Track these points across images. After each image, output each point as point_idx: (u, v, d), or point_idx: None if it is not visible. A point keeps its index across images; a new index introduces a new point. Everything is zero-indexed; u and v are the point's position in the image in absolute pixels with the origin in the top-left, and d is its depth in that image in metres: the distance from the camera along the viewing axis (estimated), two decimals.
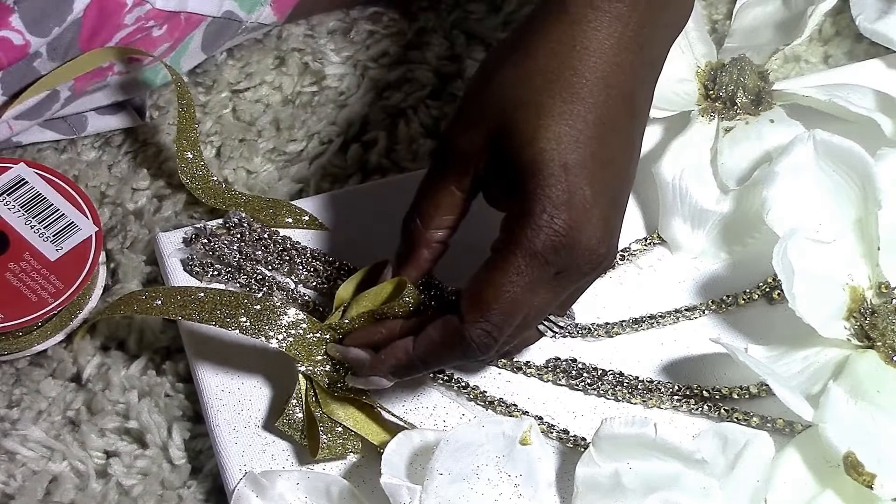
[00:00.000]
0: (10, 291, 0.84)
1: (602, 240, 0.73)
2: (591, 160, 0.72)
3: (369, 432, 0.81)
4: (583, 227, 0.72)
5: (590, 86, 0.73)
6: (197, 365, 0.84)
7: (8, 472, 0.82)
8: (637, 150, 0.77)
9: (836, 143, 0.86)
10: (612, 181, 0.74)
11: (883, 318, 0.82)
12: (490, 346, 0.74)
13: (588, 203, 0.72)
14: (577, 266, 0.73)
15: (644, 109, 0.77)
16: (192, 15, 0.91)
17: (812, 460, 0.79)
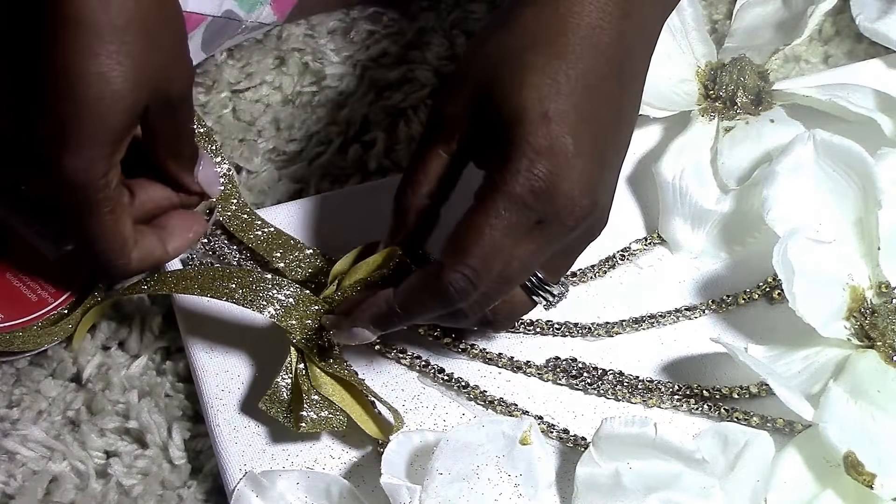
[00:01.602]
0: (10, 291, 0.84)
1: (585, 191, 0.72)
2: (573, 111, 0.72)
3: (354, 412, 0.81)
4: (563, 174, 0.71)
5: (573, 45, 0.73)
6: (197, 365, 0.84)
7: (8, 472, 0.82)
8: (626, 116, 0.77)
9: (836, 142, 0.86)
10: (597, 136, 0.73)
11: (883, 317, 0.82)
12: (468, 290, 0.73)
13: (569, 152, 0.72)
14: (559, 216, 0.72)
15: (633, 80, 0.77)
16: (191, 14, 0.91)
17: (812, 460, 0.79)
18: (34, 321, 0.83)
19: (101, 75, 0.72)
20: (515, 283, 0.76)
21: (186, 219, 0.84)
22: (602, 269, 0.89)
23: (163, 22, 0.74)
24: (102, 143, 0.73)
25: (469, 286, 0.73)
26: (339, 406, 0.80)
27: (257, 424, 0.82)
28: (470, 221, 0.73)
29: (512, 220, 0.72)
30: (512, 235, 0.72)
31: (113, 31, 0.71)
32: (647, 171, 0.91)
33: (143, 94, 0.74)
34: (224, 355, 0.84)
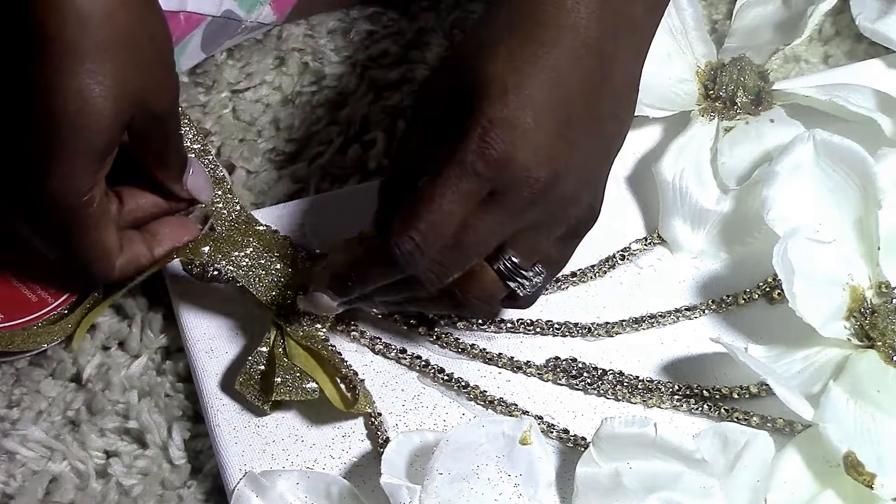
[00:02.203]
0: (10, 292, 0.84)
1: (542, 164, 0.72)
2: (538, 89, 0.72)
3: (324, 384, 0.82)
4: (519, 145, 0.71)
5: (550, 31, 0.73)
6: (197, 365, 0.84)
7: (8, 472, 0.82)
8: (606, 103, 0.76)
9: (836, 142, 0.86)
10: (566, 116, 0.73)
11: (883, 317, 0.82)
12: (415, 255, 0.73)
13: (528, 125, 0.71)
14: (513, 186, 0.72)
15: (619, 68, 0.76)
16: (191, 14, 0.91)
17: (812, 460, 0.79)
18: (34, 321, 0.83)
19: (80, 94, 0.72)
20: (472, 254, 0.75)
21: (176, 225, 0.85)
22: (602, 270, 0.89)
23: (144, 38, 0.75)
24: (84, 161, 0.74)
25: (416, 251, 0.73)
26: (312, 376, 0.81)
27: (257, 424, 0.82)
28: (421, 191, 0.73)
29: (462, 186, 0.72)
30: (462, 202, 0.72)
31: (92, 50, 0.72)
32: (647, 171, 0.91)
33: (124, 112, 0.74)
34: (224, 355, 0.84)
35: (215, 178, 0.89)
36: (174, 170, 0.83)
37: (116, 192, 0.82)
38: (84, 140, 0.73)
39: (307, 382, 0.81)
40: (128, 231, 0.83)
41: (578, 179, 0.75)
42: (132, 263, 0.82)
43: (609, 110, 0.76)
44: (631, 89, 0.78)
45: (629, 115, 0.79)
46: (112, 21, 0.72)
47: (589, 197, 0.77)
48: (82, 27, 0.71)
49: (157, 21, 0.76)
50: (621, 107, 0.77)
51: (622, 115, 0.78)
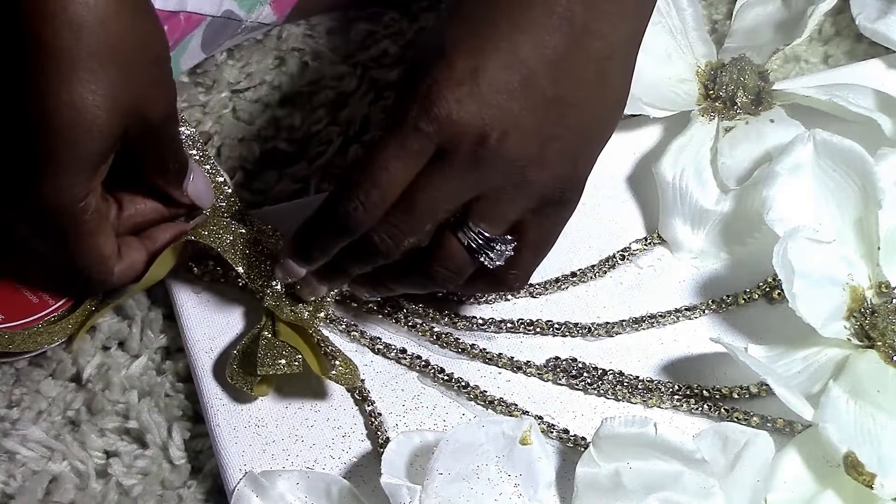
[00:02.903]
0: (10, 292, 0.84)
1: (489, 123, 0.72)
2: (492, 50, 0.72)
3: (308, 357, 0.82)
4: (464, 102, 0.71)
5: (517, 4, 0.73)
6: (197, 365, 0.84)
7: (8, 472, 0.82)
8: (576, 71, 0.74)
9: (835, 142, 0.86)
10: (520, 77, 0.72)
11: (883, 317, 0.82)
12: (359, 216, 0.73)
13: (475, 83, 0.71)
14: (459, 145, 0.72)
15: (596, 38, 0.75)
16: (191, 14, 0.91)
17: (812, 460, 0.79)
18: (35, 322, 0.83)
19: (73, 103, 0.72)
20: (424, 217, 0.75)
21: (176, 231, 0.85)
22: (602, 270, 0.89)
23: (138, 46, 0.75)
24: (78, 170, 0.74)
25: (360, 210, 0.73)
26: (294, 347, 0.82)
27: (257, 425, 0.82)
28: (365, 155, 0.73)
29: (406, 144, 0.72)
30: (406, 160, 0.72)
31: (86, 59, 0.72)
32: (648, 171, 0.91)
33: (118, 120, 0.74)
34: (224, 355, 0.84)
35: (215, 183, 0.89)
36: (174, 175, 0.83)
37: (116, 198, 0.82)
38: (77, 149, 0.73)
39: (291, 357, 0.82)
40: (127, 237, 0.83)
41: (540, 143, 0.74)
42: (131, 269, 0.82)
43: (582, 78, 0.75)
44: (614, 60, 0.76)
45: (615, 88, 0.77)
46: (105, 29, 0.72)
47: (563, 165, 0.75)
48: (76, 36, 0.71)
49: (152, 28, 0.76)
50: (602, 77, 0.76)
51: (603, 86, 0.76)
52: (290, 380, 0.83)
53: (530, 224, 0.76)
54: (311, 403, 0.83)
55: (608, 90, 0.76)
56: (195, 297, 0.87)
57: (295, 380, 0.83)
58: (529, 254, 0.78)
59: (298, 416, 0.82)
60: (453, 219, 0.75)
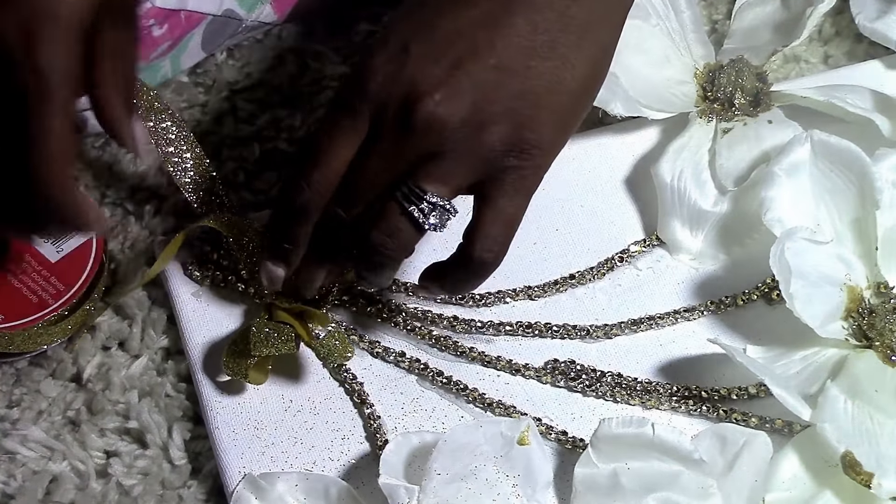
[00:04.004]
0: (10, 292, 0.84)
1: (416, 91, 0.72)
2: (428, 26, 0.73)
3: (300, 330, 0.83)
4: (390, 73, 0.72)
5: None
6: (197, 367, 0.84)
7: (8, 472, 0.82)
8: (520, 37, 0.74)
9: (833, 143, 0.86)
10: (452, 48, 0.73)
11: (881, 317, 0.82)
12: (306, 197, 0.75)
13: (404, 55, 0.72)
14: (386, 115, 0.73)
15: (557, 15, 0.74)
16: (192, 13, 0.91)
17: (810, 460, 0.79)
18: (34, 322, 0.84)
19: None
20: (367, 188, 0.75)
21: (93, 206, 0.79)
22: (601, 271, 0.89)
23: None
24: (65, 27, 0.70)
25: (307, 192, 0.75)
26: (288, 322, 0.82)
27: (256, 427, 0.82)
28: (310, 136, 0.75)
29: (342, 123, 0.73)
30: (344, 139, 0.74)
31: None
32: (646, 173, 0.91)
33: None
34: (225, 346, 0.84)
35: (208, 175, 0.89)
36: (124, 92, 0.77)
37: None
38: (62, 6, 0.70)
39: (285, 336, 0.82)
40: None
41: (475, 107, 0.73)
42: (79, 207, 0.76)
43: (528, 48, 0.74)
44: (571, 37, 0.75)
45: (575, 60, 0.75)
46: None
47: (506, 130, 0.74)
48: None
49: None
50: (552, 48, 0.74)
51: (554, 57, 0.75)
52: (290, 381, 0.83)
53: (487, 190, 0.75)
54: (310, 406, 0.83)
55: (563, 62, 0.75)
56: (195, 302, 0.87)
57: (295, 381, 0.83)
58: (492, 221, 0.75)
59: (297, 419, 0.83)
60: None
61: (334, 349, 0.82)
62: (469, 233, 0.76)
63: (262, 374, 0.83)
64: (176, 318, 0.87)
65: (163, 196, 0.93)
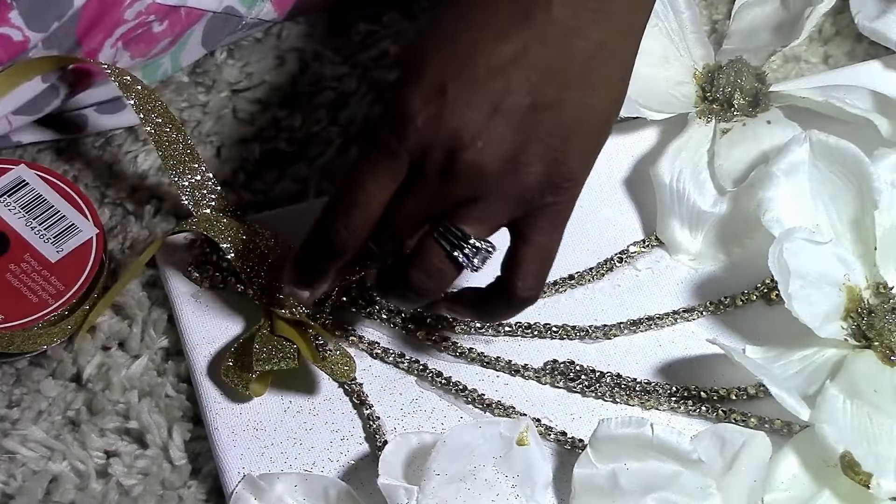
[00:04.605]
0: (10, 292, 0.84)
1: (457, 137, 0.71)
2: (463, 63, 0.72)
3: (303, 348, 0.83)
4: (430, 118, 0.71)
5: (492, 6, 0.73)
6: (196, 368, 0.84)
7: (8, 472, 0.82)
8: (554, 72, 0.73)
9: (832, 143, 0.86)
10: (489, 89, 0.72)
11: (880, 318, 0.82)
12: (344, 239, 0.74)
13: (442, 98, 0.71)
14: (426, 161, 0.72)
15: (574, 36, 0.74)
16: (192, 10, 0.91)
17: (809, 460, 0.79)
18: (34, 322, 0.84)
19: None
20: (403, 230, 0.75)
21: None
22: (600, 272, 0.89)
23: None
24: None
25: (345, 234, 0.74)
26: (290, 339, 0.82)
27: (256, 428, 0.82)
28: (346, 173, 0.74)
29: (380, 165, 0.73)
30: (383, 181, 0.73)
31: None
32: (645, 174, 0.91)
33: None
34: (223, 358, 0.84)
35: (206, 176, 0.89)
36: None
37: None
38: None
39: (287, 352, 0.82)
40: None
41: (514, 149, 0.73)
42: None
43: (562, 80, 0.73)
44: (598, 59, 0.75)
45: (603, 86, 0.75)
46: None
47: (542, 168, 0.74)
48: None
49: None
50: (585, 76, 0.74)
51: (586, 86, 0.74)
52: (289, 383, 0.83)
53: (525, 228, 0.75)
54: (309, 407, 0.83)
55: (593, 89, 0.75)
56: (194, 303, 0.87)
57: (294, 383, 0.83)
58: (532, 258, 0.76)
59: (297, 420, 0.83)
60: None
61: (338, 371, 0.82)
62: (509, 269, 0.76)
63: (263, 386, 0.83)
64: (175, 319, 0.87)
65: (163, 196, 0.94)
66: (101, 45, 0.89)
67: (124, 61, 0.91)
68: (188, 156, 0.89)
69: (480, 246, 0.74)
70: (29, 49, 0.86)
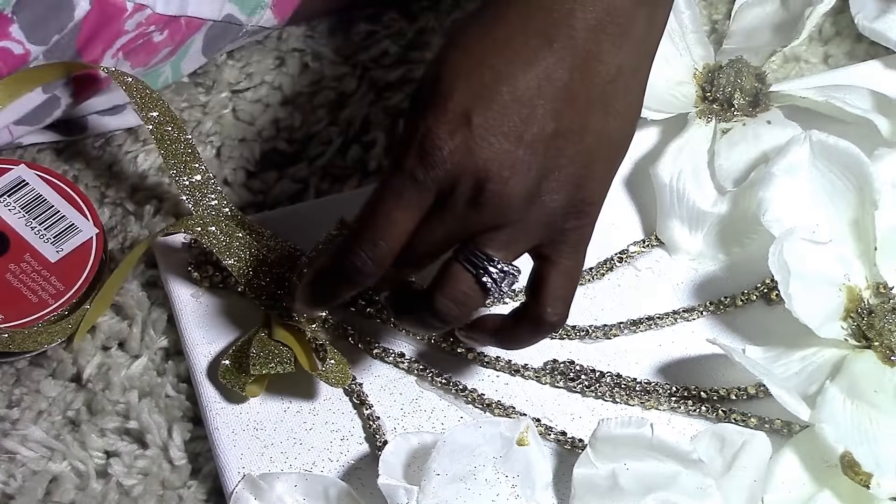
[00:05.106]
0: (10, 292, 0.84)
1: (485, 169, 0.71)
2: (489, 92, 0.71)
3: (300, 356, 0.82)
4: (457, 148, 0.71)
5: (510, 25, 0.73)
6: (196, 367, 0.84)
7: (8, 472, 0.82)
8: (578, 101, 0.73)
9: (832, 143, 0.86)
10: (517, 116, 0.72)
11: (880, 318, 0.82)
12: (369, 269, 0.73)
13: (468, 128, 0.71)
14: (453, 191, 0.71)
15: (597, 63, 0.74)
16: (192, 19, 0.91)
17: (809, 460, 0.79)
18: (34, 322, 0.84)
19: None
20: (427, 257, 0.75)
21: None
22: (600, 272, 0.89)
23: None
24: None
25: (370, 265, 0.73)
26: (287, 345, 0.82)
27: (255, 428, 0.82)
28: (371, 198, 0.74)
29: (406, 195, 0.72)
30: (409, 210, 0.72)
31: None
32: (645, 173, 0.91)
33: None
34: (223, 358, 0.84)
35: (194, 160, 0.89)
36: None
37: None
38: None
39: (284, 357, 0.82)
40: None
41: (540, 178, 0.73)
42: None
43: (584, 105, 0.74)
44: (617, 83, 0.75)
45: (621, 109, 0.76)
46: None
47: (565, 194, 0.74)
48: None
49: None
50: (605, 100, 0.75)
51: (606, 110, 0.75)
52: (288, 383, 0.83)
53: (550, 253, 0.75)
54: (309, 407, 0.83)
55: (612, 112, 0.75)
56: (194, 302, 0.87)
57: (293, 383, 0.83)
58: (558, 283, 0.76)
59: (297, 420, 0.83)
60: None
61: (333, 378, 0.82)
62: (535, 294, 0.76)
63: (259, 387, 0.83)
64: (175, 319, 0.87)
65: (163, 196, 0.94)
66: (102, 55, 0.89)
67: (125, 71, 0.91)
68: (189, 155, 0.89)
69: (508, 270, 0.74)
70: (30, 62, 0.86)
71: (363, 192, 0.91)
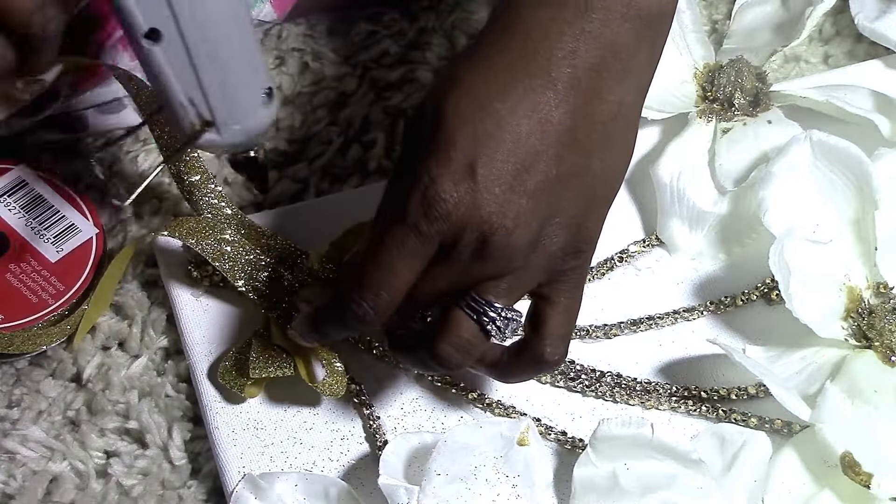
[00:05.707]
0: (10, 292, 0.84)
1: (489, 220, 0.70)
2: (492, 140, 0.70)
3: (299, 364, 0.82)
4: (461, 200, 0.70)
5: (513, 66, 0.72)
6: (196, 367, 0.84)
7: (8, 472, 0.82)
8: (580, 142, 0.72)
9: (832, 143, 0.86)
10: (520, 164, 0.71)
11: (880, 318, 0.82)
12: (371, 318, 0.72)
13: (472, 179, 0.70)
14: (457, 243, 0.71)
15: (601, 102, 0.73)
16: None
17: (809, 460, 0.79)
18: (34, 322, 0.84)
19: None
20: (428, 305, 0.75)
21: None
22: (600, 272, 0.89)
23: None
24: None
25: (371, 314, 0.72)
26: (287, 350, 0.82)
27: (256, 427, 0.82)
28: (370, 244, 0.73)
29: (409, 245, 0.71)
30: (412, 261, 0.71)
31: None
32: (645, 173, 0.91)
33: None
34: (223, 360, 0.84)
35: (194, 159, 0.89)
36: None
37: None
38: None
39: (283, 361, 0.82)
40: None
41: (543, 224, 0.72)
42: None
43: (586, 146, 0.73)
44: (617, 120, 0.74)
45: (620, 146, 0.76)
46: None
47: (567, 237, 0.74)
48: None
49: None
50: (606, 139, 0.74)
51: (607, 149, 0.74)
52: (289, 383, 0.83)
53: (549, 293, 0.75)
54: (309, 406, 0.83)
55: (611, 148, 0.75)
56: (195, 302, 0.87)
57: (294, 383, 0.83)
58: (558, 322, 0.75)
59: (297, 419, 0.83)
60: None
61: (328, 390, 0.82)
62: (535, 333, 0.75)
63: (258, 389, 0.84)
64: (175, 318, 0.87)
65: (163, 196, 0.94)
66: (101, 47, 0.89)
67: (124, 63, 0.91)
68: (189, 155, 0.89)
69: (510, 316, 0.74)
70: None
71: (363, 191, 0.91)
